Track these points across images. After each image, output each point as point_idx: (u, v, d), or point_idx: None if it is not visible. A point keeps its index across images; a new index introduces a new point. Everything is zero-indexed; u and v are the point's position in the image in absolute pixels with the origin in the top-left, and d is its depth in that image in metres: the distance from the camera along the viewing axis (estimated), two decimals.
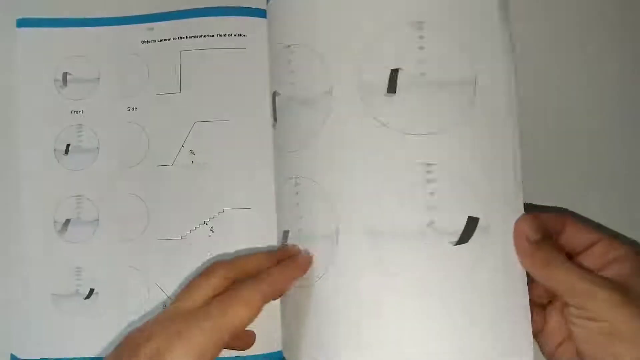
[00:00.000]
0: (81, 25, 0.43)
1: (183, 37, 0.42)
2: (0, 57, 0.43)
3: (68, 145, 0.42)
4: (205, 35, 0.42)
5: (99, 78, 0.42)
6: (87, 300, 0.40)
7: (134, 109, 0.42)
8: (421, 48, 0.35)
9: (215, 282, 0.34)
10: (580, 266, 0.32)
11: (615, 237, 0.34)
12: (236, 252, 0.39)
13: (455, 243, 0.33)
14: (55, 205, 0.41)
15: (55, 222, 0.41)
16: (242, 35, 0.42)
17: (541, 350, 0.35)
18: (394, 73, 0.35)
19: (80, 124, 0.42)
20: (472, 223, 0.34)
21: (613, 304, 0.30)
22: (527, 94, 0.38)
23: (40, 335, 0.40)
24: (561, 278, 0.31)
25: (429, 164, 0.34)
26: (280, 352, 0.38)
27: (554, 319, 0.34)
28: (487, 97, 0.35)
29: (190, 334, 0.30)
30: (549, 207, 0.39)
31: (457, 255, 0.34)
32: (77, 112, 0.42)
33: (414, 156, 0.34)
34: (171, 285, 0.40)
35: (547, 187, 0.40)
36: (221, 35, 0.42)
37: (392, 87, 0.35)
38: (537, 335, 0.34)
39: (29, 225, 0.41)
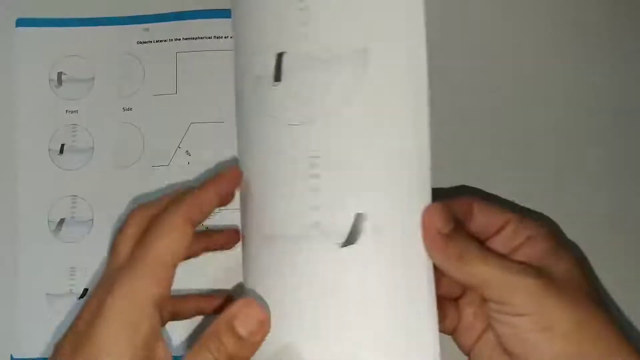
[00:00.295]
0: (78, 25, 0.43)
1: (179, 39, 0.42)
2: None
3: (63, 145, 0.42)
4: (201, 37, 0.42)
5: (94, 78, 0.42)
6: (81, 300, 0.40)
7: (130, 109, 0.42)
8: (304, 23, 0.30)
9: (135, 229, 0.30)
10: (496, 254, 0.29)
11: (525, 215, 0.31)
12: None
13: (342, 245, 0.29)
14: (50, 205, 0.41)
15: (49, 221, 0.41)
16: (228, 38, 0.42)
17: (459, 347, 0.32)
18: (279, 58, 0.31)
19: (75, 124, 0.42)
20: (359, 221, 0.29)
21: (536, 294, 0.27)
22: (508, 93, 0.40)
23: (35, 334, 0.40)
24: (478, 271, 0.28)
25: (313, 157, 0.30)
26: None
27: (468, 313, 0.32)
28: (380, 74, 0.29)
29: (124, 286, 0.27)
30: (449, 188, 0.38)
31: (346, 258, 0.29)
32: (71, 112, 0.42)
33: (297, 149, 0.30)
34: None
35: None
36: (217, 37, 0.42)
37: (277, 75, 0.31)
38: (452, 332, 0.32)
39: (23, 225, 0.41)
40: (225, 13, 0.42)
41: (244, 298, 0.29)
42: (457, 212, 0.30)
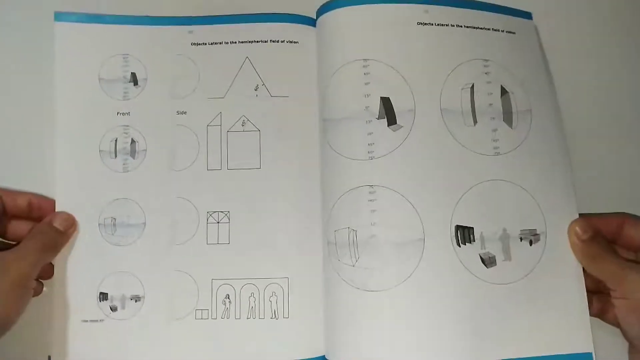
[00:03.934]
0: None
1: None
2: (38, 52, 0.42)
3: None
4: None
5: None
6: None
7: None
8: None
9: None
10: (620, 257, 0.38)
11: None
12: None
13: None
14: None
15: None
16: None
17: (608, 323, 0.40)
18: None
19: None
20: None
21: (636, 283, 0.36)
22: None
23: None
24: (605, 267, 0.37)
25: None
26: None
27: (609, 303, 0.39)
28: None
29: None
30: (608, 213, 0.42)
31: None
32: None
33: None
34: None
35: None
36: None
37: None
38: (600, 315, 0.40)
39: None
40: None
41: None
42: (605, 227, 0.39)
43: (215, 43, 0.42)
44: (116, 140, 0.41)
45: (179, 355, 0.39)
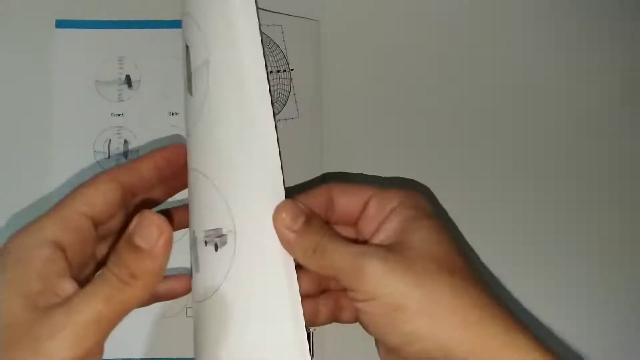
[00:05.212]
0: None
1: None
2: (38, 57, 0.43)
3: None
4: None
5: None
6: None
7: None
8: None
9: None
10: (347, 241, 0.28)
11: (390, 186, 0.30)
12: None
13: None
14: None
15: None
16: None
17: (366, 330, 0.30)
18: None
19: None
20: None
21: (382, 276, 0.26)
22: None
23: None
24: (331, 262, 0.27)
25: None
26: None
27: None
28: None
29: (25, 228, 0.27)
30: (312, 180, 0.38)
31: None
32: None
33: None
34: None
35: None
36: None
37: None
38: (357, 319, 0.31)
39: None
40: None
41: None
42: (315, 203, 0.29)
43: None
44: (109, 141, 0.42)
45: (170, 353, 0.40)
